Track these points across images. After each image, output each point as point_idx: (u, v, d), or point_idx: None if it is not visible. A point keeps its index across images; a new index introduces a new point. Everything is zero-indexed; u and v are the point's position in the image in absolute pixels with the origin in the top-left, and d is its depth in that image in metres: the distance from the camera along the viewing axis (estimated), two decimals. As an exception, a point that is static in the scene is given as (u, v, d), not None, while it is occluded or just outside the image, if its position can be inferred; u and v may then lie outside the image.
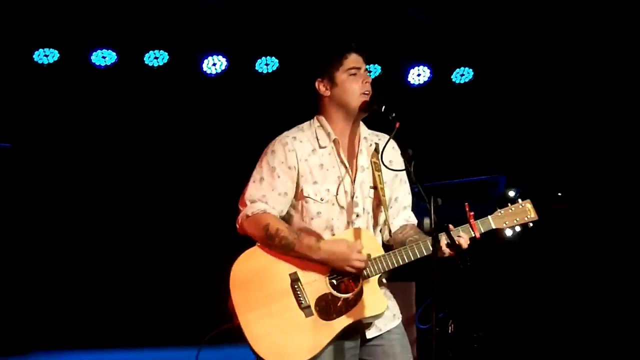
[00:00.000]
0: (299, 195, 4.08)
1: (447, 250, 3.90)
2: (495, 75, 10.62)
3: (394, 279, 4.21)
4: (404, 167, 4.06)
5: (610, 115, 9.88)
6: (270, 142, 4.18)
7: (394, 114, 3.96)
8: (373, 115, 4.13)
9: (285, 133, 4.17)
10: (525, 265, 8.83)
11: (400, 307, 4.27)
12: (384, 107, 4.00)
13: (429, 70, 10.65)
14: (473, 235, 4.03)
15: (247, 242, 4.19)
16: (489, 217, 4.13)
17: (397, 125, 3.93)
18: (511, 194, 8.94)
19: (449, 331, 8.30)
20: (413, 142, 3.90)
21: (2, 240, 9.47)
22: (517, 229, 4.17)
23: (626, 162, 9.59)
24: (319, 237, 4.01)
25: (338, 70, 4.11)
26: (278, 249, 3.97)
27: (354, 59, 4.12)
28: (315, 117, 4.21)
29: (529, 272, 8.86)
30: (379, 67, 10.48)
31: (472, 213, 4.07)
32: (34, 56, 9.74)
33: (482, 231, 4.06)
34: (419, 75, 10.65)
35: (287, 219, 4.14)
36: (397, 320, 4.17)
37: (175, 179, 10.47)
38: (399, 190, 4.26)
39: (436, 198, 3.60)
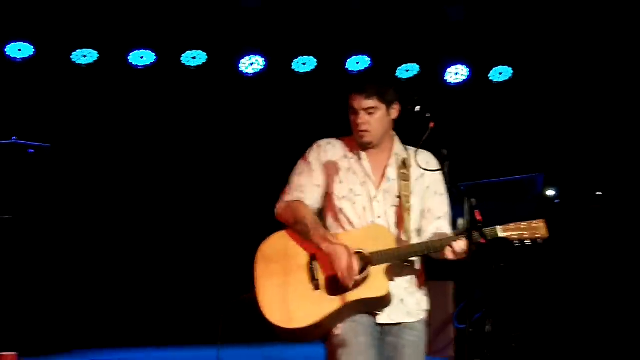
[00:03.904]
0: (327, 192, 4.55)
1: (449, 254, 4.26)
2: (535, 73, 10.56)
3: (433, 279, 4.32)
4: (435, 170, 4.38)
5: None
6: None
7: (428, 114, 4.11)
8: (408, 115, 4.20)
9: (326, 139, 4.67)
10: (563, 265, 8.76)
11: (438, 306, 4.30)
12: (419, 107, 4.14)
13: (467, 69, 10.61)
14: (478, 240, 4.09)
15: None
16: (497, 227, 4.30)
17: (432, 125, 4.10)
18: (549, 192, 9.00)
19: (486, 330, 8.27)
20: (451, 142, 3.97)
21: (42, 241, 9.56)
22: (527, 242, 4.27)
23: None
24: (334, 235, 4.44)
25: (349, 104, 4.50)
26: (299, 233, 4.46)
27: (353, 100, 4.47)
28: None
29: (568, 272, 8.79)
30: (417, 67, 10.46)
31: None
32: (72, 57, 9.83)
33: (488, 238, 4.19)
34: (456, 74, 10.63)
35: (319, 213, 4.58)
36: (412, 318, 4.47)
37: (214, 178, 10.53)
38: (432, 201, 4.56)
39: (470, 198, 3.65)
